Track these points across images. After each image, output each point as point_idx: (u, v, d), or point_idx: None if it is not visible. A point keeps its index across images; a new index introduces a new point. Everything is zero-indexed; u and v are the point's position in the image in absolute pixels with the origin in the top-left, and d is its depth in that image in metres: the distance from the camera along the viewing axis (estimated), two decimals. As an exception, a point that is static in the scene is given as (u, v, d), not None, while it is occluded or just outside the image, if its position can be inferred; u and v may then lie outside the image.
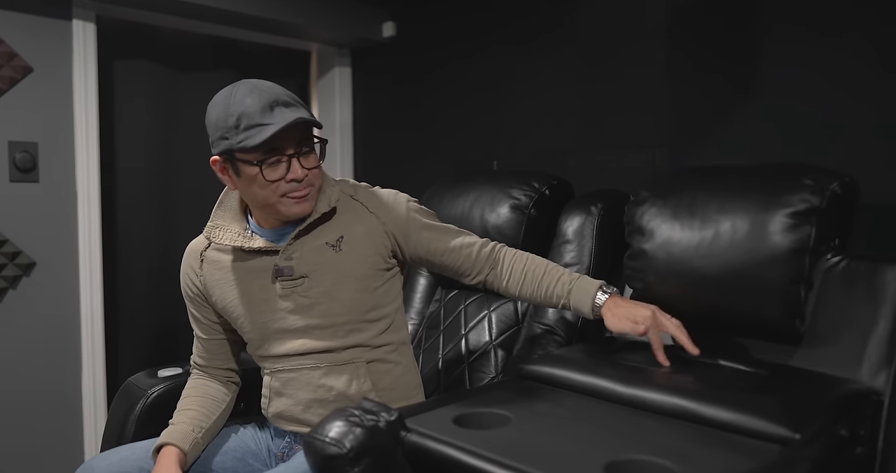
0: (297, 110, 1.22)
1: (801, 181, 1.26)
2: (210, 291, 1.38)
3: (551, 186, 1.71)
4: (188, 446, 1.31)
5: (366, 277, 1.33)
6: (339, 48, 2.90)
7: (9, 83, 2.07)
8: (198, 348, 1.47)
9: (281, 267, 1.30)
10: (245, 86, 1.23)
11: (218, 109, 1.22)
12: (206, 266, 1.38)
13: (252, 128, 1.18)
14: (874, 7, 1.51)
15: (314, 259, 1.31)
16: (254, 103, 1.19)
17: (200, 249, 1.40)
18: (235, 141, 1.19)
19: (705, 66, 1.79)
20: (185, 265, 1.42)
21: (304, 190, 1.25)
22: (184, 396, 1.43)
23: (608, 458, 0.95)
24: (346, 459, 1.02)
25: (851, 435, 1.11)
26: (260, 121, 1.18)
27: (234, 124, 1.19)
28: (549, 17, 2.16)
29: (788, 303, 1.23)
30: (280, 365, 1.35)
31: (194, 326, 1.46)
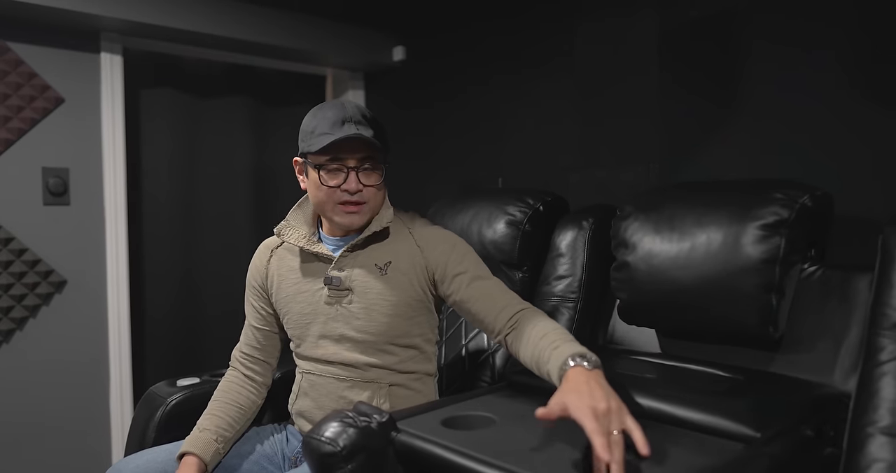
0: (363, 128, 1.33)
1: (772, 195, 1.33)
2: (271, 284, 1.50)
3: (545, 203, 1.80)
4: (209, 456, 1.40)
5: (404, 304, 1.40)
6: (353, 72, 3.03)
7: (42, 113, 2.23)
8: (247, 337, 1.56)
9: (331, 276, 1.40)
10: (334, 103, 1.38)
11: (309, 118, 1.38)
12: (274, 260, 1.51)
13: (321, 136, 1.32)
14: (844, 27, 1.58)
15: (361, 276, 1.40)
16: (332, 115, 1.33)
17: (273, 246, 1.54)
18: (307, 144, 1.35)
19: (693, 88, 1.87)
20: (256, 258, 1.55)
21: (356, 202, 1.36)
22: (214, 398, 1.52)
23: (578, 455, 1.03)
24: (339, 456, 1.11)
25: (819, 436, 1.17)
26: (328, 131, 1.32)
27: (311, 130, 1.35)
28: (550, 43, 2.25)
29: (761, 311, 1.30)
30: (311, 367, 1.45)
31: (249, 315, 1.56)
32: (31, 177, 2.22)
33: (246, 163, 2.84)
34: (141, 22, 2.25)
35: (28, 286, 2.20)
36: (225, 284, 2.73)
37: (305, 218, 1.48)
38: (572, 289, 1.68)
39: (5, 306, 2.16)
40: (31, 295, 2.21)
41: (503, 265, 1.76)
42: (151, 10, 2.26)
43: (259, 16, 2.50)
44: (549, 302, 1.70)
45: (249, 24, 2.48)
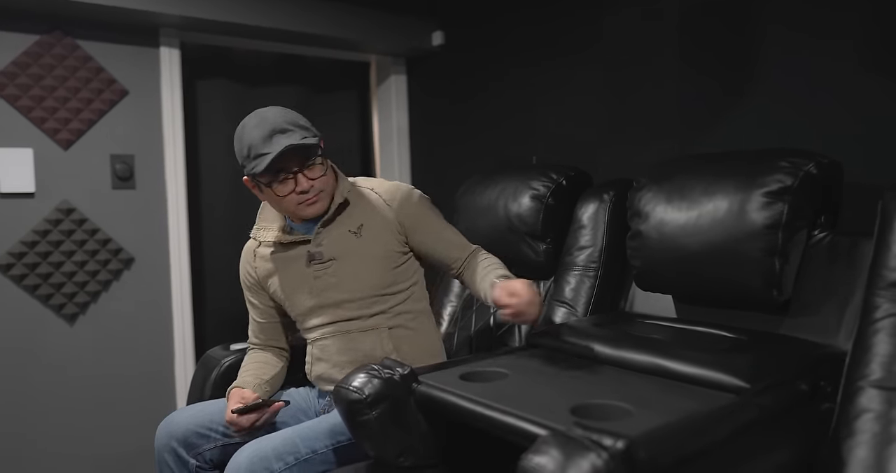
0: (289, 136, 1.43)
1: (778, 163, 1.38)
2: (263, 281, 1.66)
3: (568, 177, 1.88)
4: (251, 387, 1.58)
5: (384, 258, 1.57)
6: (395, 57, 3.14)
7: (109, 105, 2.43)
8: (254, 330, 1.75)
9: (312, 252, 1.56)
10: (254, 118, 1.47)
11: (237, 141, 1.48)
12: (259, 261, 1.66)
13: (257, 158, 1.43)
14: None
15: (339, 244, 1.55)
16: (258, 134, 1.43)
17: (253, 248, 1.69)
18: (249, 167, 1.46)
19: (712, 65, 1.90)
20: (243, 262, 1.72)
21: (313, 196, 1.49)
22: (242, 368, 1.70)
23: (577, 402, 1.12)
24: (364, 403, 1.24)
25: (814, 391, 1.23)
26: (262, 151, 1.43)
27: (246, 154, 1.45)
28: (581, 26, 2.31)
29: (764, 274, 1.36)
30: (317, 334, 1.60)
31: (251, 312, 1.74)
32: (101, 163, 2.44)
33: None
34: (197, 17, 2.42)
35: (100, 263, 2.43)
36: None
37: (273, 217, 1.63)
38: (593, 259, 1.76)
39: (81, 281, 2.39)
40: (104, 270, 2.44)
41: (527, 236, 1.86)
42: (206, 6, 2.42)
43: (306, 7, 2.64)
44: (571, 271, 1.79)
45: (297, 15, 2.63)
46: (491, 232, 1.92)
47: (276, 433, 1.47)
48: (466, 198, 2.05)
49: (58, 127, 2.35)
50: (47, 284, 2.35)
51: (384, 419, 1.25)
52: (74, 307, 2.39)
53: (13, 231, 2.30)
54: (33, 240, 2.32)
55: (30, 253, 2.32)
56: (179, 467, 1.53)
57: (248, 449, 1.40)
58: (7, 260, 2.28)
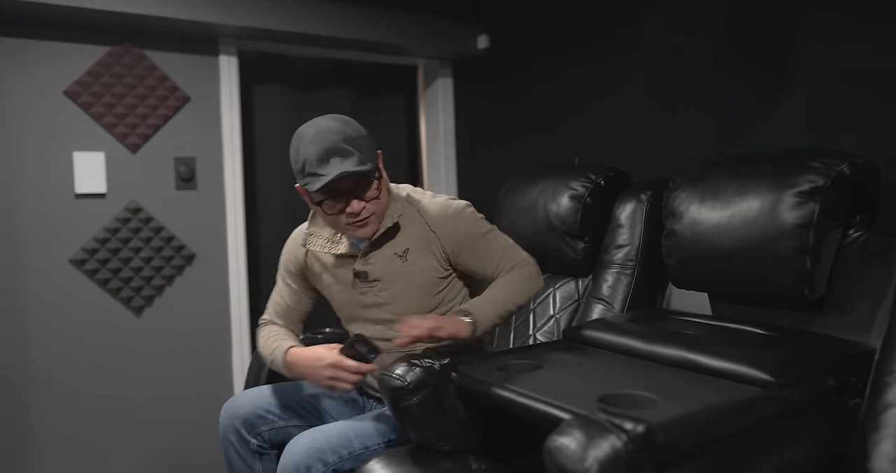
0: (345, 162, 1.41)
1: (810, 164, 1.41)
2: (309, 274, 1.70)
3: (607, 177, 1.93)
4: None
5: (429, 284, 1.57)
6: (442, 61, 3.23)
7: (173, 111, 2.59)
8: (279, 311, 1.74)
9: (359, 271, 1.58)
10: (312, 130, 1.46)
11: (292, 151, 1.49)
12: (310, 256, 1.68)
13: (311, 176, 1.44)
14: None
15: (385, 267, 1.56)
16: (314, 151, 1.42)
17: (303, 246, 1.67)
18: (302, 182, 1.48)
19: (749, 67, 1.92)
20: (294, 248, 1.70)
21: (363, 219, 1.49)
22: (272, 334, 1.69)
23: (605, 391, 1.18)
24: (406, 390, 1.33)
25: (843, 387, 1.25)
26: (316, 171, 1.42)
27: (300, 168, 1.46)
28: (622, 29, 2.35)
29: (796, 273, 1.38)
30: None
31: (284, 292, 1.73)
32: (166, 165, 2.60)
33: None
34: (253, 27, 2.56)
35: (165, 259, 2.59)
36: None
37: (319, 225, 1.64)
38: (630, 258, 1.81)
39: (147, 276, 2.56)
40: (168, 266, 2.60)
41: (566, 235, 1.91)
42: (262, 16, 2.56)
43: (356, 15, 2.75)
44: (609, 269, 1.84)
45: (348, 22, 2.74)
46: (531, 231, 1.99)
47: (331, 426, 1.52)
48: (508, 197, 2.12)
49: (127, 132, 2.52)
50: (117, 278, 2.52)
51: (425, 405, 1.33)
52: (141, 300, 2.56)
53: (87, 229, 2.48)
54: (104, 238, 2.49)
55: (101, 250, 2.49)
56: (242, 446, 1.64)
57: (303, 440, 1.46)
58: (81, 256, 2.46)
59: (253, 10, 2.55)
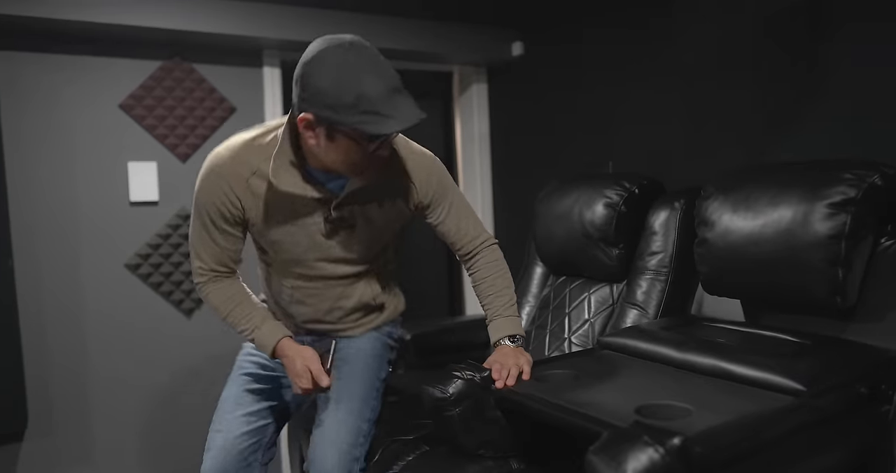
0: (409, 102, 1.25)
1: (841, 175, 1.43)
2: (248, 213, 1.46)
3: (641, 186, 1.97)
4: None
5: (397, 228, 1.59)
6: (477, 67, 3.29)
7: (220, 121, 2.70)
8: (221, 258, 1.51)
9: (334, 217, 1.45)
10: (359, 59, 1.22)
11: (329, 80, 1.22)
12: (251, 191, 1.44)
13: (372, 115, 1.21)
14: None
15: (362, 213, 1.48)
16: (374, 87, 1.21)
17: (246, 175, 1.42)
18: (349, 119, 1.22)
19: (784, 77, 1.94)
20: (224, 185, 1.42)
21: (378, 164, 1.37)
22: (238, 302, 1.55)
23: (642, 402, 1.23)
24: (449, 401, 1.39)
25: (874, 394, 1.28)
26: (381, 111, 1.21)
27: (351, 103, 1.20)
28: (656, 38, 2.38)
29: (829, 282, 1.42)
30: (304, 283, 1.56)
31: (217, 240, 1.48)
32: (213, 173, 2.71)
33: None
34: (296, 39, 2.65)
35: (213, 263, 2.71)
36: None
37: (289, 157, 1.39)
38: (664, 264, 1.85)
39: (188, 289, 2.67)
40: (216, 270, 2.72)
41: (601, 242, 1.96)
42: (304, 29, 2.65)
43: (393, 25, 2.83)
44: (643, 275, 1.88)
45: (386, 33, 2.82)
46: (567, 237, 2.04)
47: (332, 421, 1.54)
48: (543, 204, 2.17)
49: (177, 142, 2.64)
50: (169, 282, 2.64)
51: (466, 415, 1.40)
52: (191, 302, 2.68)
53: (140, 235, 2.60)
54: (157, 243, 2.62)
55: (154, 255, 2.62)
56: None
57: (325, 449, 1.51)
58: (136, 261, 2.59)
59: (295, 23, 2.64)
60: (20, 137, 2.40)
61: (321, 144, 1.32)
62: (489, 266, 1.64)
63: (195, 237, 1.51)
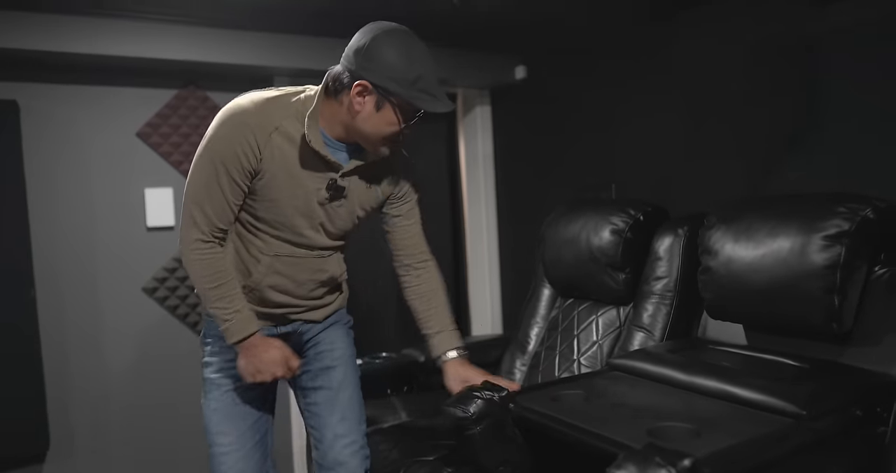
0: (444, 92, 1.45)
1: (836, 208, 1.52)
2: (264, 168, 1.48)
3: (645, 213, 2.06)
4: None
5: (365, 214, 1.65)
6: (481, 89, 3.38)
7: (234, 147, 2.78)
8: (223, 219, 1.51)
9: (338, 184, 1.53)
10: (420, 46, 1.42)
11: (396, 56, 1.39)
12: (272, 146, 1.47)
13: (426, 94, 1.40)
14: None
15: (356, 187, 1.57)
16: (431, 72, 1.42)
17: (270, 129, 1.46)
18: (408, 93, 1.39)
19: (780, 107, 2.04)
20: (248, 134, 1.45)
21: (400, 142, 1.52)
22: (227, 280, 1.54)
23: (652, 424, 1.32)
24: (470, 420, 1.47)
25: (870, 416, 1.37)
26: (434, 92, 1.42)
27: (412, 79, 1.39)
28: (656, 66, 2.48)
29: (825, 310, 1.50)
30: (288, 250, 1.59)
31: (226, 191, 1.48)
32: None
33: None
34: (305, 67, 2.74)
35: (228, 285, 2.78)
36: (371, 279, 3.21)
37: (314, 122, 1.47)
38: (669, 288, 1.94)
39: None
40: (230, 292, 2.79)
41: (608, 267, 2.05)
42: (313, 58, 2.74)
43: (398, 51, 2.92)
44: (649, 299, 1.97)
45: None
46: (575, 262, 2.13)
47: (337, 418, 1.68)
48: (551, 229, 2.26)
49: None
50: (185, 304, 2.72)
51: (487, 434, 1.48)
52: (207, 324, 2.76)
53: (157, 259, 2.68)
54: (173, 267, 2.70)
55: (170, 278, 2.70)
56: None
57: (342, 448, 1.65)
58: (153, 285, 2.67)
59: (304, 53, 2.73)
60: (41, 167, 2.48)
61: (366, 112, 1.44)
62: (435, 279, 1.77)
63: (201, 190, 1.48)
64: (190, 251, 1.52)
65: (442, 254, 3.43)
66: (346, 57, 1.45)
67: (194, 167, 1.50)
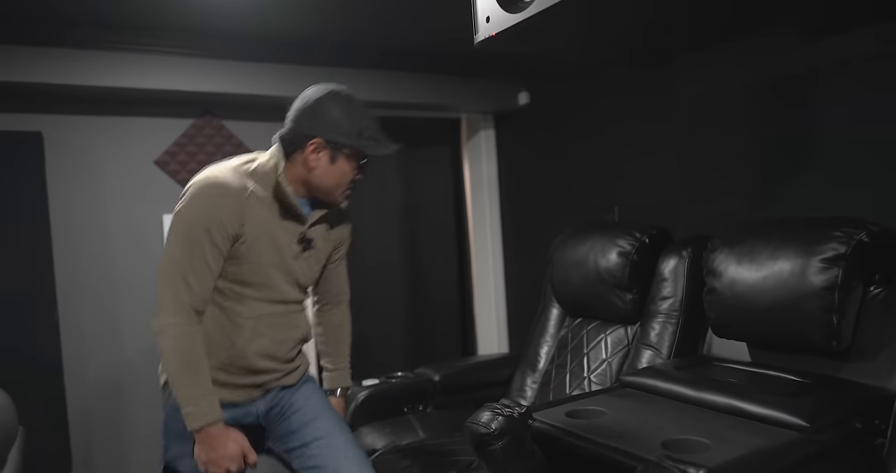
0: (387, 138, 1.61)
1: (832, 233, 1.62)
2: (246, 231, 1.54)
3: (651, 235, 2.15)
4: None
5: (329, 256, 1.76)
6: (484, 114, 3.49)
7: (249, 174, 2.88)
8: (205, 285, 1.52)
9: (308, 237, 1.64)
10: (356, 101, 1.59)
11: (340, 112, 1.55)
12: (250, 208, 1.54)
13: (374, 141, 1.57)
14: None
15: (320, 236, 1.68)
16: (371, 123, 1.59)
17: (246, 193, 1.54)
18: (357, 143, 1.55)
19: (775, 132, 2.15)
20: (229, 201, 1.51)
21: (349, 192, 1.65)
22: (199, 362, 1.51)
23: (666, 437, 1.40)
24: (492, 436, 1.55)
25: (869, 428, 1.46)
26: (378, 138, 1.58)
27: (357, 131, 1.55)
28: (657, 93, 2.59)
29: (824, 328, 1.60)
30: (269, 309, 1.62)
31: (211, 262, 1.51)
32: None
33: (396, 196, 3.41)
34: (317, 96, 2.84)
35: (243, 307, 2.86)
36: (381, 301, 3.30)
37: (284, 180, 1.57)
38: (674, 308, 2.03)
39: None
40: (245, 314, 2.87)
41: (616, 288, 2.14)
42: (325, 87, 2.85)
43: (406, 79, 3.03)
44: (655, 318, 2.06)
45: (398, 88, 3.02)
46: (583, 282, 2.22)
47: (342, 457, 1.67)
48: (559, 251, 2.35)
49: (209, 195, 2.81)
50: (201, 327, 2.79)
51: (507, 449, 1.56)
52: (223, 346, 2.83)
53: (175, 283, 2.75)
54: (190, 290, 2.77)
55: (188, 301, 2.77)
56: None
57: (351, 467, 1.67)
58: (171, 308, 2.74)
59: (316, 82, 2.83)
60: (63, 194, 2.56)
61: (322, 166, 1.58)
62: (347, 318, 1.90)
63: (183, 261, 1.50)
64: (169, 326, 1.50)
65: (448, 275, 3.55)
66: (295, 120, 1.60)
67: (173, 238, 1.52)
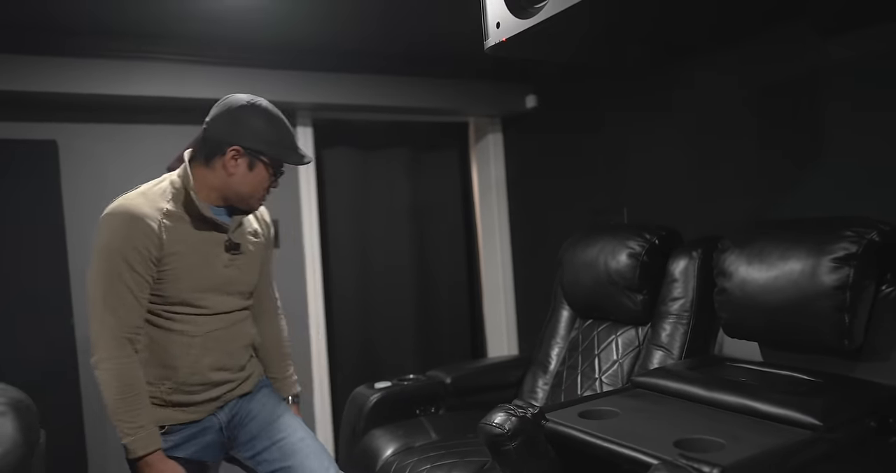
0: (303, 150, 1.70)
1: (843, 232, 1.63)
2: (167, 253, 1.56)
3: (660, 236, 2.16)
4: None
5: (260, 262, 1.78)
6: (492, 118, 3.51)
7: (259, 179, 2.90)
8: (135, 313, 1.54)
9: (234, 242, 1.67)
10: (276, 114, 1.64)
11: (260, 122, 1.60)
12: (166, 228, 1.56)
13: (290, 150, 1.64)
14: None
15: (247, 240, 1.71)
16: (288, 133, 1.65)
17: (160, 215, 1.56)
18: (275, 151, 1.61)
19: (783, 132, 2.15)
20: (144, 226, 1.52)
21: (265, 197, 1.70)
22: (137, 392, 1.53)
23: (679, 437, 1.41)
24: (505, 437, 1.56)
25: (882, 427, 1.46)
26: (295, 148, 1.66)
27: (276, 140, 1.62)
28: (665, 92, 2.60)
29: (836, 327, 1.60)
30: (214, 325, 1.64)
31: (136, 289, 1.52)
32: (253, 227, 2.90)
33: (405, 199, 3.43)
34: (326, 102, 2.87)
35: (254, 311, 2.89)
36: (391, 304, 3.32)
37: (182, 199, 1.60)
38: (685, 309, 2.04)
39: (239, 327, 2.85)
40: (257, 318, 2.89)
41: (626, 289, 2.15)
42: (333, 93, 2.87)
43: (414, 85, 3.05)
44: (666, 319, 2.07)
45: (407, 93, 3.04)
46: (593, 284, 2.23)
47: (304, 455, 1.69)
48: (569, 254, 2.36)
49: (220, 200, 2.83)
50: (214, 331, 2.81)
51: (521, 449, 1.57)
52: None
53: (187, 288, 2.78)
54: (202, 295, 2.79)
55: (200, 306, 2.80)
56: None
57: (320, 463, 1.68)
58: (183, 312, 2.76)
59: (325, 88, 2.86)
60: (77, 201, 2.59)
61: (240, 173, 1.62)
62: (280, 327, 1.92)
63: (110, 294, 1.51)
64: (102, 361, 1.52)
65: (457, 278, 3.56)
66: (215, 128, 1.62)
67: (95, 274, 1.53)
